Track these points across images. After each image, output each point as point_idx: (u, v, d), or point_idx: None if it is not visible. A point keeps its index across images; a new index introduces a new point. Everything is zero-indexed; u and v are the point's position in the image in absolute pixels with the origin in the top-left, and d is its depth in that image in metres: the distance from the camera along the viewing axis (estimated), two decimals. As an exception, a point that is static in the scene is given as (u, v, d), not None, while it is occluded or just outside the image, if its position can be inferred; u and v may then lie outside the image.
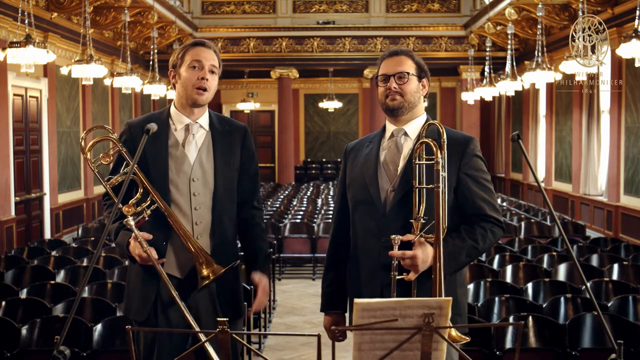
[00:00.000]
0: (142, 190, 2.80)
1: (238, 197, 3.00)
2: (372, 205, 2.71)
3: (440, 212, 2.54)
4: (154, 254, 2.74)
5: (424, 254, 2.55)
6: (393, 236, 2.55)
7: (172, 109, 2.97)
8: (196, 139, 2.94)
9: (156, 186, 2.85)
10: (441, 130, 2.63)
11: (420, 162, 2.62)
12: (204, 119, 2.96)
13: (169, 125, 2.93)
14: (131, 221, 2.71)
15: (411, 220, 2.60)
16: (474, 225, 2.67)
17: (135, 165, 2.70)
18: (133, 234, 2.74)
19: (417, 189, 2.61)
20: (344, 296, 2.90)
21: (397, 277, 2.56)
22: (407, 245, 2.57)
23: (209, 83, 2.89)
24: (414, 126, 2.77)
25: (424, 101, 2.84)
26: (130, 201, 2.79)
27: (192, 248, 2.79)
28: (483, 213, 2.68)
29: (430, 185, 2.58)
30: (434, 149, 2.57)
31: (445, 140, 2.62)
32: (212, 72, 2.91)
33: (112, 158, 2.90)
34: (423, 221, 2.58)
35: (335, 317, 2.91)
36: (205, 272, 2.76)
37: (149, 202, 2.80)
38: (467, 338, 2.44)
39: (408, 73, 2.73)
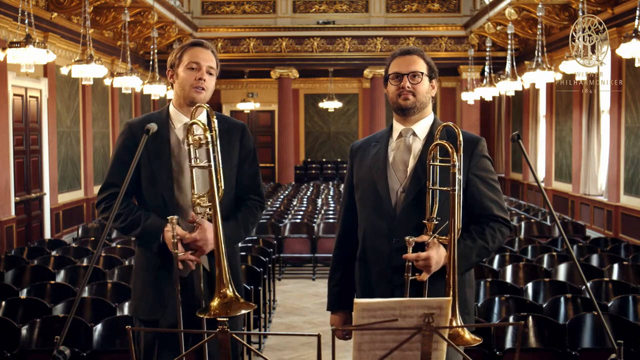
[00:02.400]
0: (222, 189, 2.78)
1: (236, 193, 3.00)
2: (382, 206, 2.71)
3: (456, 214, 2.55)
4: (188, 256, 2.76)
5: (438, 255, 2.56)
6: (407, 238, 2.55)
7: (171, 109, 2.98)
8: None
9: (161, 185, 2.86)
10: (457, 132, 2.63)
11: (435, 164, 2.62)
12: (202, 118, 2.97)
13: (169, 124, 2.94)
14: (175, 218, 2.71)
15: (424, 221, 2.60)
16: (484, 226, 2.69)
17: (218, 162, 2.74)
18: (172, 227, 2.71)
19: (431, 190, 2.61)
20: (351, 295, 2.90)
21: (410, 278, 2.56)
22: (419, 246, 2.58)
23: (206, 83, 2.90)
24: (423, 126, 2.77)
25: (432, 101, 2.85)
26: (199, 193, 2.78)
27: (222, 273, 2.68)
28: (491, 213, 2.70)
29: (446, 188, 2.58)
30: (450, 151, 2.57)
31: (462, 143, 2.61)
32: (210, 73, 2.92)
33: (199, 143, 2.78)
34: (436, 222, 2.59)
35: (343, 316, 2.90)
36: (215, 303, 2.63)
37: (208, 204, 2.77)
38: (480, 339, 2.44)
39: (422, 73, 2.74)
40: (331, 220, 9.83)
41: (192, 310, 2.87)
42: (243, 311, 2.61)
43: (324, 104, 18.72)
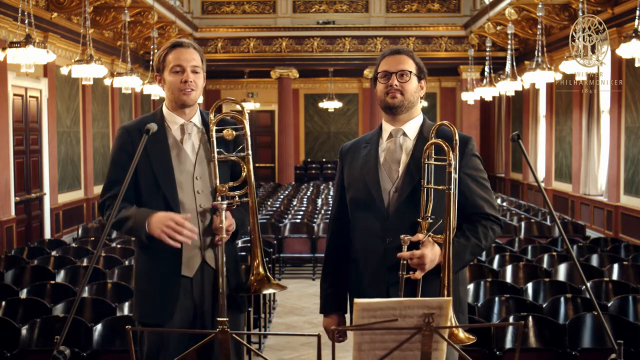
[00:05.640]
0: (243, 180, 2.91)
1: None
2: (375, 206, 2.71)
3: (452, 213, 2.56)
4: (188, 231, 2.77)
5: (432, 254, 2.57)
6: (403, 236, 2.56)
7: (165, 110, 2.96)
8: (192, 139, 2.95)
9: (164, 187, 2.85)
10: (453, 131, 2.65)
11: (430, 162, 2.63)
12: (196, 118, 2.98)
13: (165, 126, 2.93)
14: (224, 204, 2.82)
15: (419, 220, 2.62)
16: (476, 224, 2.71)
17: (248, 152, 2.90)
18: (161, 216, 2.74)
19: (425, 189, 2.62)
20: (344, 297, 2.90)
21: (405, 276, 2.57)
22: (413, 245, 2.59)
23: (193, 84, 2.88)
24: (413, 126, 2.78)
25: (421, 102, 2.85)
26: (228, 183, 2.89)
27: (257, 253, 2.89)
28: (483, 212, 2.72)
29: (441, 187, 2.60)
30: (446, 150, 2.58)
31: (458, 142, 2.63)
32: (195, 71, 2.90)
33: (233, 135, 2.94)
34: (430, 221, 2.60)
35: (336, 318, 2.90)
36: (252, 279, 2.88)
37: (243, 191, 2.90)
38: (474, 338, 2.45)
39: (410, 72, 2.74)
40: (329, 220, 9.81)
41: (199, 311, 2.87)
42: (272, 290, 2.91)
43: (324, 104, 18.72)
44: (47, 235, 10.01)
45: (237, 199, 2.88)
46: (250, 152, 2.93)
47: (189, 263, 2.87)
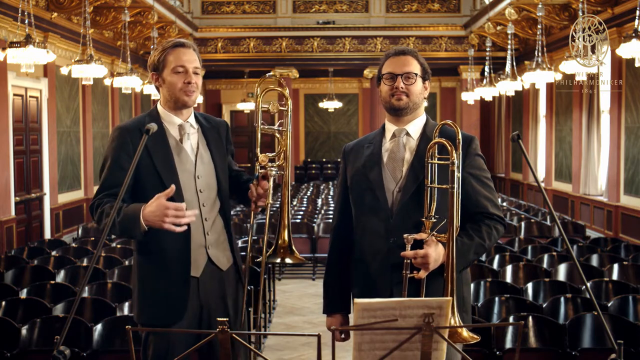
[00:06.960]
0: (280, 154, 3.01)
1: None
2: (379, 206, 2.72)
3: (455, 212, 2.56)
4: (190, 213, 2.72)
5: (436, 253, 2.57)
6: (406, 235, 2.56)
7: (162, 110, 2.94)
8: (190, 138, 2.96)
9: (170, 184, 2.80)
10: (456, 130, 2.65)
11: (433, 162, 2.64)
12: (192, 118, 2.99)
13: (164, 126, 2.92)
14: (274, 170, 2.93)
15: (422, 219, 2.62)
16: (480, 223, 2.71)
17: (286, 127, 2.99)
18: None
19: (429, 188, 2.63)
20: (347, 297, 2.90)
21: (409, 276, 2.57)
22: (417, 244, 2.59)
23: (195, 85, 2.89)
24: (416, 126, 2.79)
25: (424, 102, 2.86)
26: (268, 154, 2.98)
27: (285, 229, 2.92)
28: (486, 211, 2.72)
29: (445, 186, 2.60)
30: (450, 149, 2.58)
31: (461, 141, 2.63)
32: (196, 73, 2.91)
33: (278, 108, 3.04)
34: (434, 220, 2.60)
35: (339, 318, 2.91)
36: (280, 244, 2.90)
37: (277, 164, 2.98)
38: (478, 337, 2.45)
39: (416, 74, 2.75)
40: (331, 220, 9.81)
41: (205, 311, 2.87)
42: (292, 261, 2.88)
43: (324, 104, 18.72)
44: (47, 235, 10.01)
45: (274, 171, 2.93)
46: (290, 128, 3.02)
47: (195, 263, 2.86)
